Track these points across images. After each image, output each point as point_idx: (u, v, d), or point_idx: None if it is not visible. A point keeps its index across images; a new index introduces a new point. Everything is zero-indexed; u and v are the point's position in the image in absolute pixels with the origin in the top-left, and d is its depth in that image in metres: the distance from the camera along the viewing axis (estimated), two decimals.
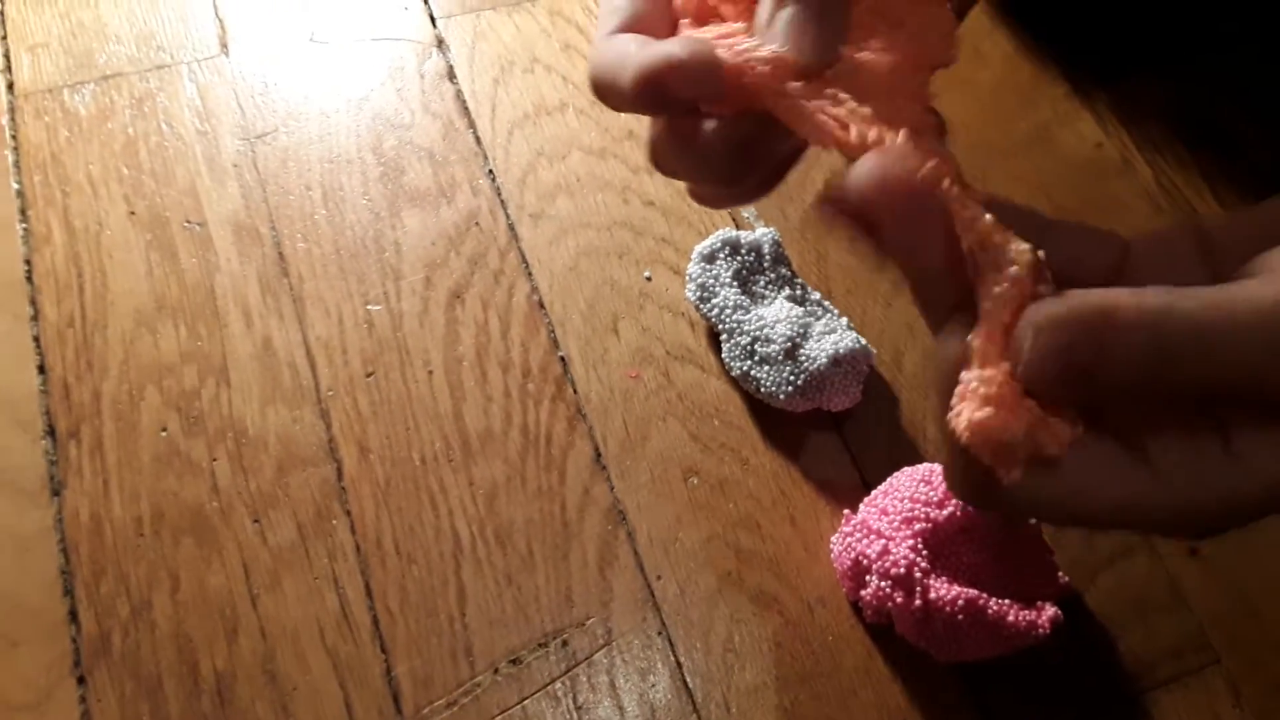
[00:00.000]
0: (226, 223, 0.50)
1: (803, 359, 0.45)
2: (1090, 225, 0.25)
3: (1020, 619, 0.39)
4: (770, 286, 0.48)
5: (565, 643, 0.42)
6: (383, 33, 0.57)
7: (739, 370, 0.46)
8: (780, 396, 0.45)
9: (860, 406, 0.47)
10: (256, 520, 0.44)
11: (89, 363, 0.46)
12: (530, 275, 0.50)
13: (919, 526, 0.40)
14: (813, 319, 0.47)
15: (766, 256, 0.48)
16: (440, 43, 0.57)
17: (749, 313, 0.47)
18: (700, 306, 0.48)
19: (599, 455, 0.46)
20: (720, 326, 0.47)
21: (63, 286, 0.48)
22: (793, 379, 0.45)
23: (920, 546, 0.39)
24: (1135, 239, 0.27)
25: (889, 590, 0.40)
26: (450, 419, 0.46)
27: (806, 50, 0.22)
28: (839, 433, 0.48)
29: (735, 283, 0.47)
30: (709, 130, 0.24)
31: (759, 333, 0.46)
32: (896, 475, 0.43)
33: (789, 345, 0.45)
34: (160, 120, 0.53)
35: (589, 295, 0.50)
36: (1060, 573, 0.42)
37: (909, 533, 0.40)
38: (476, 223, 0.52)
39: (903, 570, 0.39)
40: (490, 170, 0.53)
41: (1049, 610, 0.40)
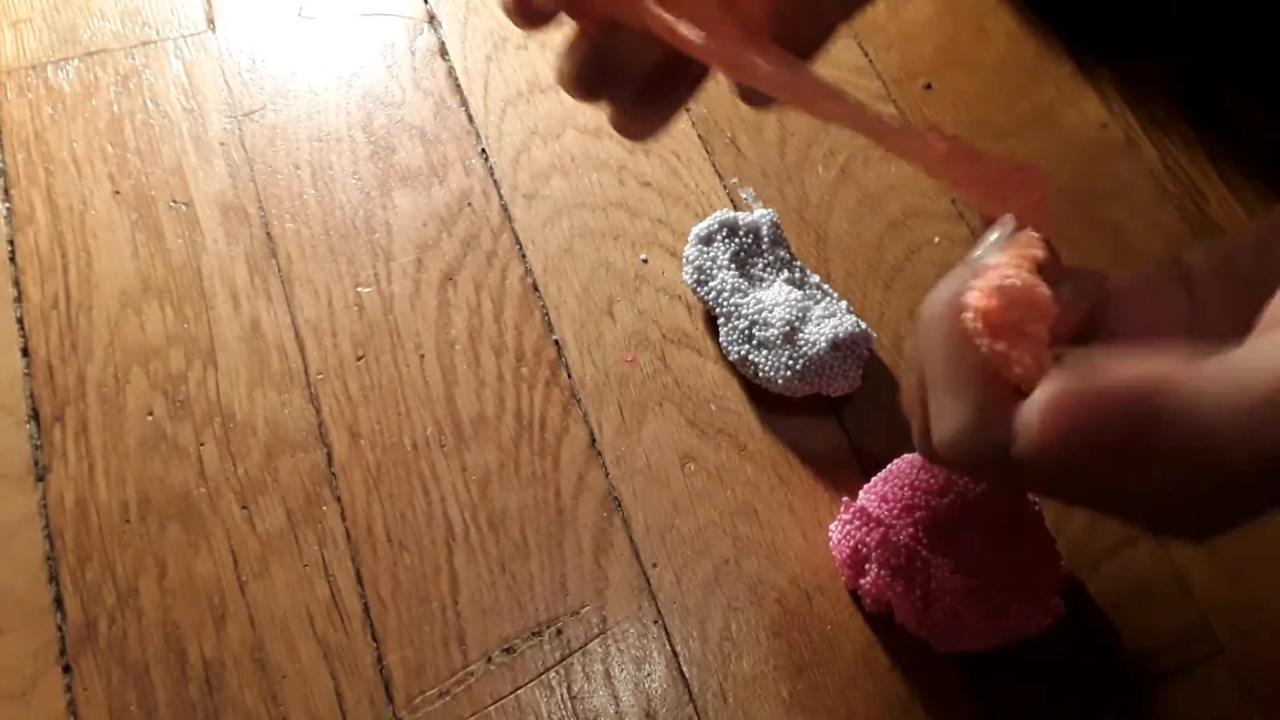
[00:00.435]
0: (213, 202, 0.49)
1: (802, 343, 0.44)
2: (1073, 267, 0.28)
3: (1022, 608, 0.38)
4: (769, 269, 0.47)
5: (559, 631, 0.42)
6: (373, 8, 0.56)
7: (736, 354, 0.46)
8: (779, 381, 0.44)
9: (860, 391, 0.46)
10: (245, 506, 0.43)
11: (74, 345, 0.46)
12: (524, 257, 0.49)
13: (919, 514, 0.39)
14: (812, 302, 0.46)
15: (765, 238, 0.48)
16: (432, 18, 0.56)
17: (747, 296, 0.46)
18: (697, 290, 0.47)
19: (594, 441, 0.45)
20: (717, 310, 0.46)
21: (46, 267, 0.47)
22: (791, 363, 0.44)
23: (921, 534, 0.39)
24: (1117, 279, 0.29)
25: (889, 579, 0.39)
26: (442, 403, 0.46)
27: None
28: (838, 418, 0.47)
29: (733, 265, 0.46)
30: (571, 38, 0.29)
31: (757, 316, 0.45)
32: (897, 462, 0.42)
33: (788, 329, 0.44)
34: (146, 97, 0.52)
35: (584, 278, 0.49)
36: (1062, 561, 0.41)
37: (909, 520, 0.39)
38: (469, 203, 0.51)
39: (903, 558, 0.39)
40: (483, 149, 0.52)
41: (1051, 599, 0.39)
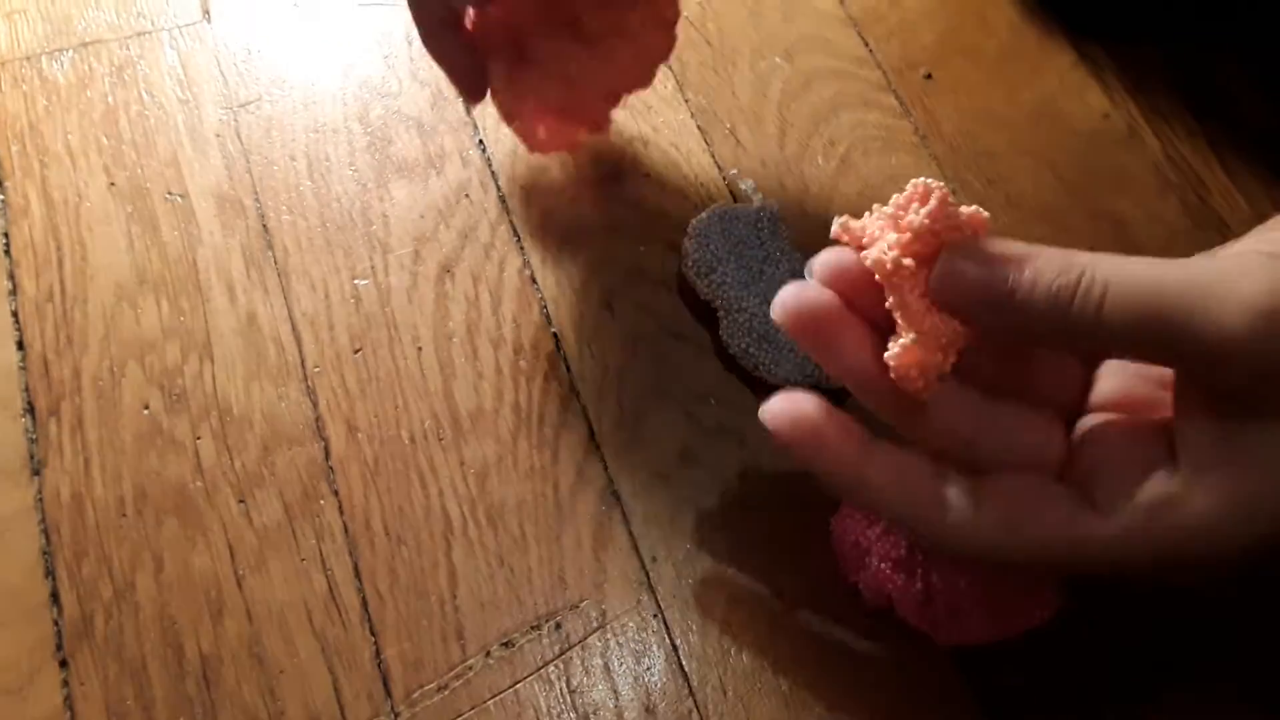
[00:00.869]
0: (209, 194, 0.49)
1: None
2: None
3: (1023, 601, 0.38)
4: (769, 261, 0.47)
5: (558, 625, 0.41)
6: None
7: (737, 347, 0.45)
8: (779, 374, 0.44)
9: None
10: (242, 500, 0.43)
11: (69, 338, 0.45)
12: (522, 249, 0.49)
13: None
14: None
15: (765, 230, 0.47)
16: None
17: (747, 288, 0.45)
18: (697, 282, 0.46)
19: (593, 434, 0.45)
20: (718, 302, 0.46)
21: (41, 260, 0.47)
22: (792, 356, 0.44)
23: None
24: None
25: (889, 571, 0.39)
26: (440, 397, 0.45)
27: None
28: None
29: (733, 257, 0.46)
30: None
31: (758, 309, 0.44)
32: None
33: None
34: (141, 89, 0.51)
35: (582, 270, 0.49)
36: None
37: None
38: (466, 195, 0.50)
39: (903, 552, 0.39)
40: (480, 141, 0.52)
41: (1052, 592, 0.39)
